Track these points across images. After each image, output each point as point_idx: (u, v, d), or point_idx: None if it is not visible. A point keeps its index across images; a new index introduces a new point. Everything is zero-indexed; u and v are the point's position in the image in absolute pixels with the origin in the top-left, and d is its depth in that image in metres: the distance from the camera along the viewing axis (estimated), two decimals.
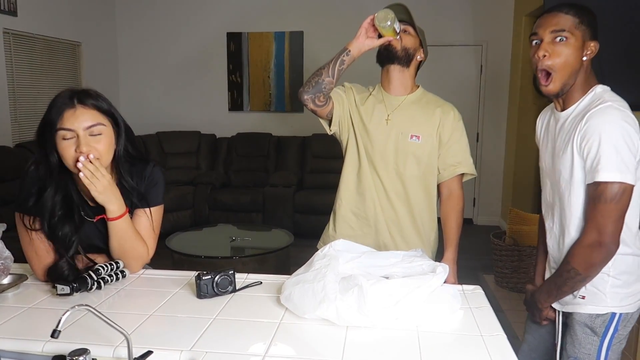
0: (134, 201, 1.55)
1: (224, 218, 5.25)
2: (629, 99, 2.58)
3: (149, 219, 1.59)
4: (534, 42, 1.44)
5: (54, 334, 0.92)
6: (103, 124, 1.42)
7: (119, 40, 6.25)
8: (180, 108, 6.29)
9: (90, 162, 1.37)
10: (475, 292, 1.41)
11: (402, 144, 1.81)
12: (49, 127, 1.38)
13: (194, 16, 6.11)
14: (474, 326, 1.21)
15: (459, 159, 1.84)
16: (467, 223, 5.96)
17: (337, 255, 1.33)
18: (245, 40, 6.04)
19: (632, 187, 1.32)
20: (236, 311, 1.29)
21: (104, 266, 1.46)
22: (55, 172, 1.42)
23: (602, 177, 1.30)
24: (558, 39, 1.38)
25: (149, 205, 1.59)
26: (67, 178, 1.46)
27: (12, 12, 4.52)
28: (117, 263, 1.50)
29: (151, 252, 1.58)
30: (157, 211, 1.62)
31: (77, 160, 1.37)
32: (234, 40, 6.07)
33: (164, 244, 3.76)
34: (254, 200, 5.30)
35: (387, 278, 1.26)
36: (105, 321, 0.97)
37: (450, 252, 1.83)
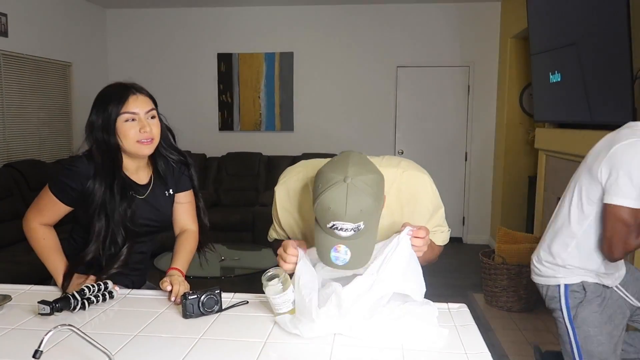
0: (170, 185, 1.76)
1: (214, 237, 5.15)
2: (610, 118, 2.63)
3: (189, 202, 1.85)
4: None
5: (36, 354, 0.91)
6: (155, 110, 1.64)
7: (110, 60, 6.28)
8: (170, 127, 6.28)
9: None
10: (460, 311, 1.41)
11: None
12: (110, 114, 1.54)
13: (185, 37, 6.16)
14: (458, 345, 1.21)
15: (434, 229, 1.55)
16: (456, 241, 5.98)
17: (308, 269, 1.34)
18: (235, 60, 6.09)
19: None
20: (222, 331, 1.29)
21: (90, 287, 1.45)
22: (114, 157, 1.57)
23: None
24: None
25: (187, 188, 1.81)
26: (115, 165, 1.58)
27: (3, 33, 4.53)
28: (105, 284, 1.49)
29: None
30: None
31: (139, 141, 1.56)
32: (225, 60, 6.12)
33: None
34: (243, 219, 5.28)
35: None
36: (88, 341, 0.96)
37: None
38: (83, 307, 1.40)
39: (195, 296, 1.35)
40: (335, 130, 6.01)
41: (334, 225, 1.17)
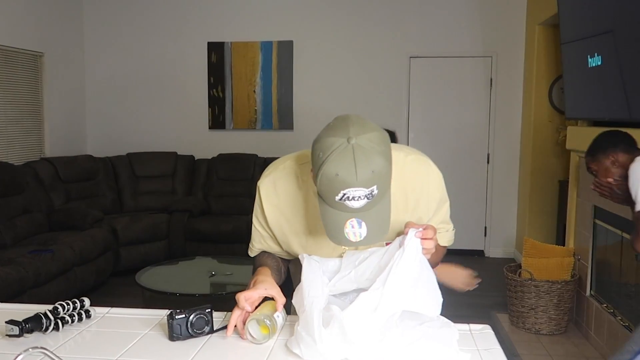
0: None
1: (203, 250, 5.23)
2: None
3: None
4: None
5: None
6: None
7: (86, 50, 6.31)
8: (155, 126, 6.31)
9: None
10: (483, 332, 1.41)
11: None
12: None
13: (171, 24, 6.19)
14: None
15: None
16: (477, 255, 5.97)
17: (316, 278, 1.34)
18: (228, 50, 6.11)
19: None
20: (213, 355, 1.28)
21: (64, 305, 1.45)
22: None
23: None
24: None
25: None
26: None
27: None
28: (81, 301, 1.49)
29: None
30: None
31: None
32: (216, 50, 6.13)
33: (134, 280, 3.73)
34: (236, 229, 5.29)
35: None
36: None
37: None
38: (56, 328, 1.40)
39: (183, 316, 1.35)
40: None
41: (344, 195, 1.16)
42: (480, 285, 4.93)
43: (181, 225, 5.38)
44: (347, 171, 1.13)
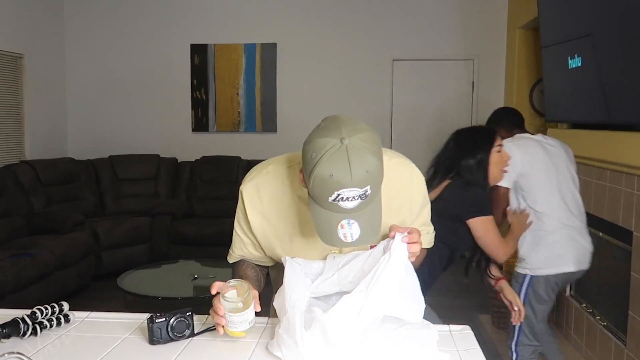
0: None
1: (186, 253, 5.19)
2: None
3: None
4: None
5: None
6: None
7: (68, 51, 6.24)
8: (137, 128, 6.27)
9: None
10: (463, 333, 1.42)
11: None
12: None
13: (154, 25, 6.15)
14: None
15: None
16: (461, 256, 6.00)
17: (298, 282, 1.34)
18: (211, 52, 6.09)
19: None
20: (194, 358, 1.28)
21: (42, 309, 1.43)
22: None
23: None
24: None
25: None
26: None
27: None
28: (60, 306, 1.47)
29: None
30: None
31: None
32: (199, 52, 6.11)
33: (115, 284, 3.70)
34: (220, 232, 5.26)
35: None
36: None
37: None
38: (34, 333, 1.39)
39: (164, 319, 1.34)
40: None
41: (338, 195, 1.16)
42: (462, 287, 4.93)
43: (164, 228, 5.35)
44: (342, 172, 1.13)
